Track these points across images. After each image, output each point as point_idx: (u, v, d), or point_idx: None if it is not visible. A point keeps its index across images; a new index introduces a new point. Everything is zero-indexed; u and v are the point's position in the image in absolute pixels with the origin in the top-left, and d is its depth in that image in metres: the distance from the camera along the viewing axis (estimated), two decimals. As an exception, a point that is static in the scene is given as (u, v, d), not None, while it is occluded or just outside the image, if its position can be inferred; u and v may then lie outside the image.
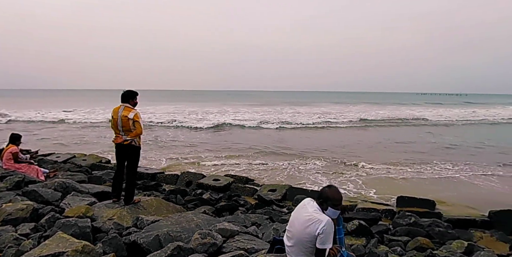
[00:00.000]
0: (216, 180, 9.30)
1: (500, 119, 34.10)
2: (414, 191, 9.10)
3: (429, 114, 37.63)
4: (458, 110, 45.32)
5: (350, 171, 11.60)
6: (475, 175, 11.29)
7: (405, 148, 16.43)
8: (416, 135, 21.61)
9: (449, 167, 12.30)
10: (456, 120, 32.35)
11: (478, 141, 18.88)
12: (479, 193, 9.38)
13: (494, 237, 6.17)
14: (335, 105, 55.55)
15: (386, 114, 36.43)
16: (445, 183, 10.50)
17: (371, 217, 6.45)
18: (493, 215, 6.89)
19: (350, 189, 9.66)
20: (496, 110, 47.66)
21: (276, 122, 25.79)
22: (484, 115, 38.42)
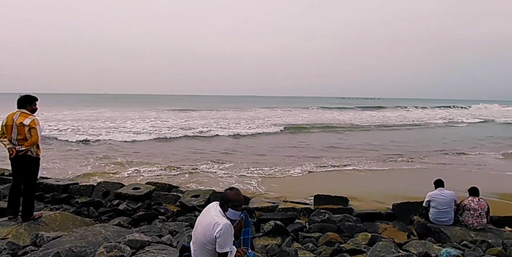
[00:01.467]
0: (136, 188, 8.91)
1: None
2: (331, 189, 9.69)
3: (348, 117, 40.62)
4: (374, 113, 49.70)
5: (278, 174, 12.03)
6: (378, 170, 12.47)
7: (321, 152, 17.39)
8: (337, 138, 22.97)
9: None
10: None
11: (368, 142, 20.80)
12: (385, 188, 10.28)
13: (396, 227, 6.79)
14: (262, 109, 56.80)
15: (310, 118, 38.37)
16: (358, 179, 11.43)
17: (289, 216, 6.71)
18: (395, 208, 7.62)
19: (270, 190, 9.95)
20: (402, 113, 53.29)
21: (200, 128, 25.37)
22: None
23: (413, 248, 5.14)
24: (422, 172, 12.42)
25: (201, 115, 39.09)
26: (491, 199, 8.06)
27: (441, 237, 5.79)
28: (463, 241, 5.51)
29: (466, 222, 5.98)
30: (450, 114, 53.34)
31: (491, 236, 5.70)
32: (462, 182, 8.60)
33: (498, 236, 5.78)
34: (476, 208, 5.91)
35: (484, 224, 5.96)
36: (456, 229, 5.90)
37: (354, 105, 72.33)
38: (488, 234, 5.79)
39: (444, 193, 6.17)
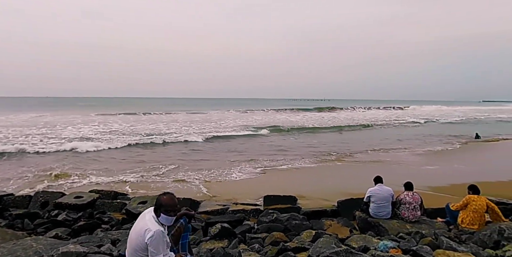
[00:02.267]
0: (79, 197, 8.46)
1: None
2: (282, 188, 9.86)
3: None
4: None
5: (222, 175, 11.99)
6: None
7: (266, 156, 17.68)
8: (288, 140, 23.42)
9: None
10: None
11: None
12: (331, 186, 10.65)
13: (340, 223, 7.08)
14: (214, 112, 56.39)
15: (264, 120, 38.77)
16: (306, 178, 11.75)
17: (237, 218, 6.74)
18: (340, 204, 7.92)
19: (221, 193, 9.92)
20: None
21: (149, 131, 24.55)
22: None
23: (354, 242, 5.38)
24: (361, 169, 13.14)
25: (149, 119, 37.93)
26: (424, 192, 8.66)
27: (380, 230, 6.12)
28: (399, 233, 5.86)
29: (403, 215, 6.38)
30: (394, 114, 56.65)
31: (425, 227, 6.12)
32: (393, 177, 9.18)
33: (431, 226, 6.22)
34: (411, 201, 6.32)
35: (418, 216, 6.39)
36: (393, 222, 6.27)
37: (310, 106, 74.26)
38: (422, 226, 6.20)
39: (382, 189, 6.52)
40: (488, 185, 9.97)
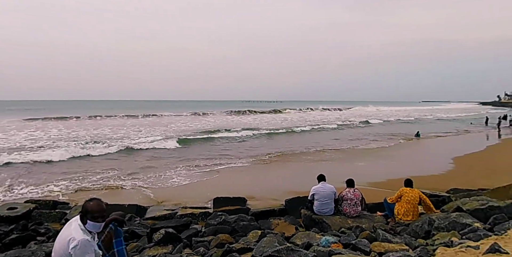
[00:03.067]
0: (13, 208, 7.84)
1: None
2: (233, 190, 9.85)
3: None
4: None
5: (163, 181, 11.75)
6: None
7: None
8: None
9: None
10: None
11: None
12: (280, 185, 10.83)
13: (287, 221, 7.22)
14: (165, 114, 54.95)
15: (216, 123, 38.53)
16: (256, 178, 11.86)
17: (183, 223, 6.63)
18: (287, 203, 8.06)
19: (170, 198, 9.70)
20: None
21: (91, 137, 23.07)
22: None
23: (298, 240, 5.51)
24: (308, 168, 13.54)
25: (92, 124, 35.91)
26: (365, 188, 9.10)
27: (324, 227, 6.32)
28: (341, 228, 6.09)
29: (345, 211, 6.64)
30: (342, 114, 58.98)
31: (365, 221, 6.42)
32: (336, 175, 9.55)
33: (371, 220, 6.54)
34: (352, 198, 6.60)
35: (359, 211, 6.69)
36: (336, 218, 6.51)
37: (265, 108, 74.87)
38: (362, 220, 6.50)
39: (325, 187, 6.75)
40: (422, 178, 10.70)
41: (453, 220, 5.63)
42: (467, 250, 4.16)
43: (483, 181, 10.32)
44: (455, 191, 8.80)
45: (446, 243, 4.62)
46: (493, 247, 3.92)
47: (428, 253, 4.13)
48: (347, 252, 4.18)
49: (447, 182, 10.30)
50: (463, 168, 12.99)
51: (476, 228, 5.30)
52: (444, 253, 4.18)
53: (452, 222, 5.60)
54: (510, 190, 7.63)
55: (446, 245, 4.55)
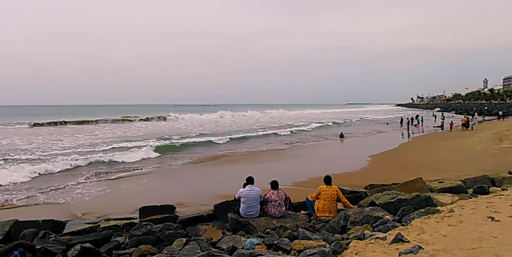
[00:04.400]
0: None
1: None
2: (160, 198, 9.55)
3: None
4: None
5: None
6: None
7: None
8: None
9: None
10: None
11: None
12: (209, 190, 10.78)
13: (215, 226, 7.19)
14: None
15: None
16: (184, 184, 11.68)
17: (103, 236, 6.26)
18: (216, 208, 8.03)
19: (92, 210, 9.12)
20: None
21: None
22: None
23: (224, 244, 5.51)
24: (237, 171, 13.70)
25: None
26: (290, 188, 9.44)
27: (250, 229, 6.42)
28: (266, 229, 6.24)
29: (270, 212, 6.82)
30: (273, 116, 60.57)
31: (289, 221, 6.65)
32: (262, 177, 9.82)
33: (295, 219, 6.79)
34: (276, 199, 6.80)
35: (284, 211, 6.91)
36: (261, 219, 6.65)
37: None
38: (287, 220, 6.73)
39: (252, 189, 6.86)
40: (343, 176, 11.43)
41: (367, 214, 6.08)
42: (376, 241, 4.51)
43: (396, 176, 11.32)
44: (371, 187, 9.50)
45: (359, 236, 4.96)
46: (397, 237, 4.31)
47: (342, 247, 4.40)
48: (268, 252, 4.28)
49: (365, 178, 11.11)
50: (379, 164, 14.14)
51: (386, 220, 5.78)
52: (356, 246, 4.49)
53: (366, 216, 6.05)
54: (417, 183, 8.47)
55: (359, 238, 4.90)
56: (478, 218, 5.20)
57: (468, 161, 14.01)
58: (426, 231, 4.78)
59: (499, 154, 14.94)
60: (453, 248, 4.00)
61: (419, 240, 4.34)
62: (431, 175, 11.19)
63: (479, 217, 5.23)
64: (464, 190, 8.17)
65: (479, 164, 12.83)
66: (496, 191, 7.74)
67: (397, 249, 4.08)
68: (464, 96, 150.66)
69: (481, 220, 5.08)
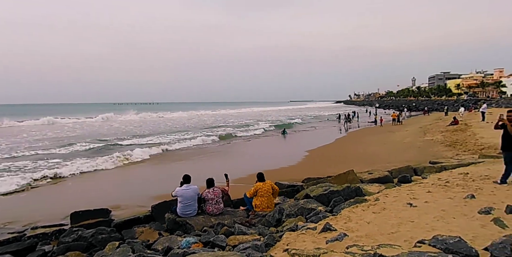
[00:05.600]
0: None
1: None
2: (93, 201, 9.07)
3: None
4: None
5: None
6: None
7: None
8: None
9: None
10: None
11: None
12: (146, 190, 10.46)
13: (152, 228, 7.01)
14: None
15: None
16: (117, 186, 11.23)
17: (27, 245, 5.82)
18: (153, 209, 7.81)
19: (13, 216, 8.41)
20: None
21: None
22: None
23: (160, 245, 5.40)
24: (173, 170, 13.52)
25: None
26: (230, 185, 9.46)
27: (187, 228, 6.35)
28: (204, 227, 6.22)
29: (208, 210, 6.80)
30: (218, 114, 60.20)
31: (227, 218, 6.69)
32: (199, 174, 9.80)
33: (233, 216, 6.84)
34: (212, 197, 6.79)
35: (222, 208, 6.94)
36: (199, 218, 6.61)
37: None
38: (225, 217, 6.76)
39: (188, 188, 6.78)
40: (282, 170, 11.75)
41: (301, 207, 6.32)
42: (306, 231, 4.72)
43: (332, 169, 11.87)
44: (308, 180, 9.88)
45: (292, 228, 5.15)
46: (325, 226, 4.54)
47: (274, 239, 4.53)
48: (202, 250, 4.28)
49: (303, 172, 11.53)
50: (316, 158, 14.76)
51: (319, 211, 6.06)
52: (288, 237, 4.65)
53: (300, 208, 6.28)
54: (349, 175, 8.97)
55: (292, 229, 5.08)
56: (399, 205, 5.66)
57: (396, 153, 15.15)
58: (353, 219, 5.10)
59: (423, 146, 16.34)
60: (375, 234, 4.32)
61: (346, 228, 4.61)
62: (363, 167, 11.92)
63: (400, 204, 5.69)
64: (390, 179, 8.81)
65: (405, 156, 13.94)
66: (417, 179, 8.44)
67: (325, 237, 4.30)
68: (395, 93, 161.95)
69: (402, 207, 5.53)
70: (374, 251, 3.41)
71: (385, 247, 3.60)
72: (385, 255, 3.24)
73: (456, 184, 6.76)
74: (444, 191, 6.32)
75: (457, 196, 5.78)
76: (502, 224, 4.24)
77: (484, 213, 4.62)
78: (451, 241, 3.37)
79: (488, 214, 4.60)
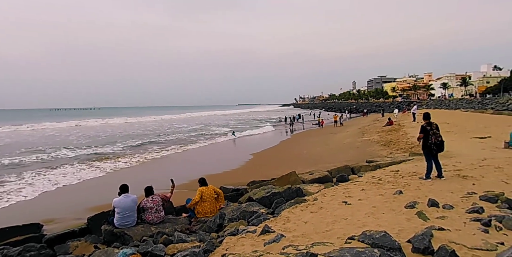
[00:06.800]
0: None
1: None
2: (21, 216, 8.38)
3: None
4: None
5: None
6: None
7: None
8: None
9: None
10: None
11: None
12: (82, 202, 9.89)
13: (88, 241, 6.62)
14: None
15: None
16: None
17: None
18: (90, 221, 7.37)
19: None
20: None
21: None
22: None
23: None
24: (109, 179, 13.02)
25: None
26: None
27: (126, 239, 6.09)
28: (143, 237, 6.00)
29: (148, 219, 6.57)
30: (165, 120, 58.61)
31: (169, 226, 6.51)
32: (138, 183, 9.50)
33: (174, 224, 6.68)
34: (152, 206, 6.58)
35: (163, 216, 6.74)
36: (138, 228, 6.36)
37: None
38: (166, 225, 6.57)
39: (127, 198, 6.49)
40: (226, 174, 11.72)
41: (243, 210, 6.36)
42: (246, 235, 4.75)
43: (276, 171, 12.09)
44: (253, 183, 9.96)
45: (232, 232, 5.15)
46: (264, 229, 4.61)
47: (214, 245, 4.50)
48: (138, 261, 4.13)
49: (248, 175, 11.61)
50: (261, 161, 14.96)
51: (260, 214, 6.13)
52: (228, 242, 4.65)
53: (242, 212, 6.32)
54: (291, 176, 9.19)
55: (232, 234, 5.08)
56: (335, 203, 5.91)
57: (337, 153, 15.84)
58: (291, 219, 5.23)
59: (361, 146, 17.25)
60: (311, 233, 4.46)
61: (284, 229, 4.72)
62: (306, 167, 12.30)
63: (336, 203, 5.95)
64: (330, 179, 9.18)
65: (345, 156, 14.62)
66: (354, 178, 8.88)
67: (263, 240, 4.36)
68: (338, 96, 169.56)
69: (337, 205, 5.79)
70: (307, 250, 3.52)
71: (318, 245, 3.73)
72: (317, 253, 3.35)
73: (387, 181, 7.23)
74: (376, 188, 6.73)
75: (387, 192, 6.17)
76: (424, 216, 4.59)
77: (410, 207, 4.97)
78: (377, 235, 3.57)
79: (413, 208, 4.96)
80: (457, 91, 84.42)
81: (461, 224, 4.18)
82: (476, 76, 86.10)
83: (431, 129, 7.09)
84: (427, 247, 3.38)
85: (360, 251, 3.24)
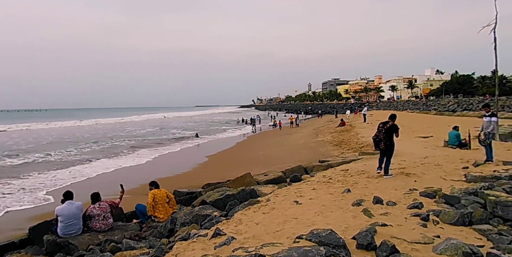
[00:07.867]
0: None
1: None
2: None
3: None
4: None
5: None
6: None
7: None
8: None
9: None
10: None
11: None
12: (24, 211, 9.25)
13: (29, 253, 6.18)
14: None
15: None
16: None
17: None
18: (32, 231, 6.87)
19: None
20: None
21: None
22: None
23: (34, 272, 4.80)
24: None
25: None
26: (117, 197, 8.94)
27: (71, 249, 5.76)
28: (90, 246, 5.71)
29: (95, 227, 6.26)
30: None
31: (118, 233, 6.25)
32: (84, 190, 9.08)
33: (124, 230, 6.42)
34: (99, 213, 6.29)
35: (111, 223, 6.45)
36: (84, 236, 6.04)
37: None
38: (115, 232, 6.30)
39: (71, 206, 6.14)
40: (180, 177, 11.50)
41: (196, 214, 6.26)
42: (197, 239, 4.67)
43: (232, 173, 12.06)
44: (207, 186, 9.86)
45: (184, 237, 5.05)
46: (215, 232, 4.56)
47: (163, 251, 4.39)
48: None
49: (203, 178, 11.47)
50: (216, 163, 14.87)
51: (213, 217, 6.07)
52: (179, 247, 4.55)
53: (195, 216, 6.22)
54: (246, 178, 9.21)
55: (184, 238, 4.98)
56: (287, 203, 6.00)
57: (292, 153, 16.14)
58: (244, 221, 5.23)
59: (315, 146, 17.72)
60: (262, 234, 4.48)
61: (235, 231, 4.70)
62: (261, 168, 12.39)
63: (288, 202, 6.04)
64: (283, 179, 9.31)
65: (299, 156, 14.93)
66: (306, 178, 9.09)
67: (214, 243, 4.31)
68: (294, 98, 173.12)
69: (289, 205, 5.87)
70: (256, 252, 3.53)
71: (268, 246, 3.76)
72: (265, 254, 3.38)
73: (337, 180, 7.47)
74: (326, 187, 6.92)
75: (336, 191, 6.37)
76: (369, 213, 4.79)
77: (356, 205, 5.16)
78: (324, 234, 3.67)
79: (359, 205, 5.15)
80: (404, 93, 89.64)
81: (402, 219, 4.40)
82: (421, 79, 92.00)
83: (382, 126, 7.73)
84: (370, 243, 3.52)
85: (307, 250, 3.30)
